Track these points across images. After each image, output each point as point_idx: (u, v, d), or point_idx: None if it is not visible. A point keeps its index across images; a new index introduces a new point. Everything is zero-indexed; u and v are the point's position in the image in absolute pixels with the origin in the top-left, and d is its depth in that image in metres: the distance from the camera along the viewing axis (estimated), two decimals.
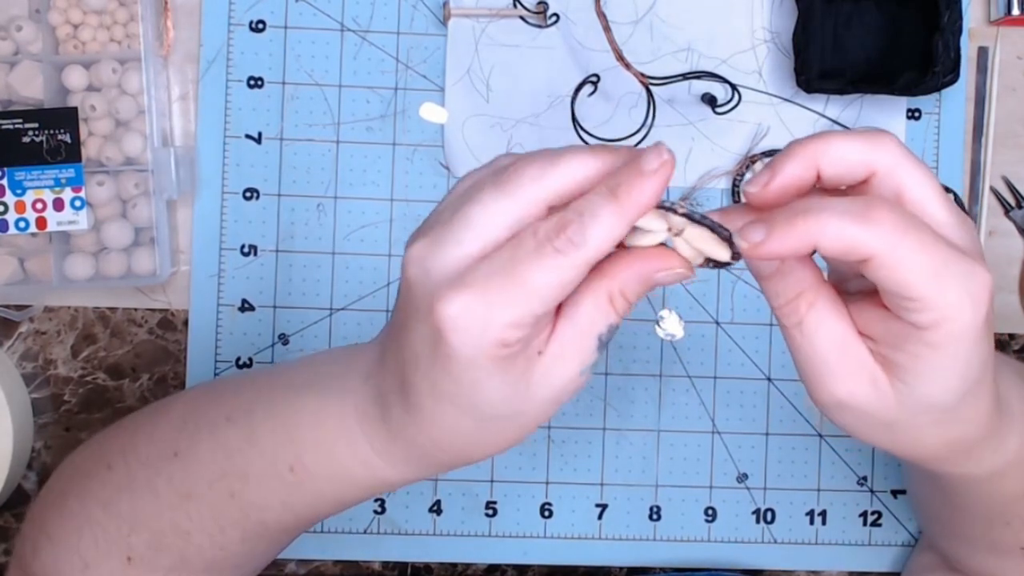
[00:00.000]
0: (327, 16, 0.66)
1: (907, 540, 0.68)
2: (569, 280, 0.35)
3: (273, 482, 0.44)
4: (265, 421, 0.44)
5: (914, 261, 0.34)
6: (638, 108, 0.66)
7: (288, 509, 0.45)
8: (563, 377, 0.37)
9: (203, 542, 0.46)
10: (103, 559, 0.47)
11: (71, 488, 0.49)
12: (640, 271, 0.36)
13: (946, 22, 0.63)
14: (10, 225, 0.61)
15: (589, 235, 0.34)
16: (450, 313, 0.34)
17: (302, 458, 0.43)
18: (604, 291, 0.36)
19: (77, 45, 0.62)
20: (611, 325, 0.37)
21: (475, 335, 0.34)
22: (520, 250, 0.34)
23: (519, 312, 0.34)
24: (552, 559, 0.67)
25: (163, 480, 0.46)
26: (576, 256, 0.34)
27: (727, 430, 0.67)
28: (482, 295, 0.34)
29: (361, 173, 0.66)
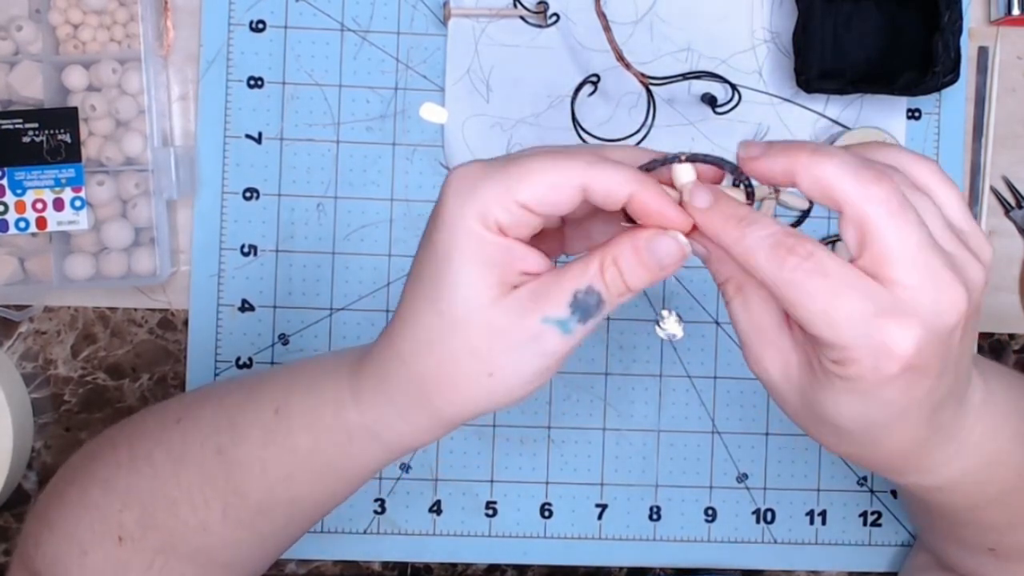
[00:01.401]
0: (327, 16, 0.66)
1: (907, 540, 0.68)
2: (560, 184, 0.36)
3: (255, 430, 0.45)
4: (271, 378, 0.46)
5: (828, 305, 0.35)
6: (638, 108, 0.66)
7: (263, 468, 0.44)
8: (524, 316, 0.37)
9: (188, 516, 0.46)
10: (98, 543, 0.47)
11: (76, 476, 0.50)
12: (635, 239, 0.37)
13: (946, 22, 0.63)
14: (10, 225, 0.61)
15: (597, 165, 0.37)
16: (454, 176, 0.37)
17: (289, 400, 0.44)
18: (597, 255, 0.38)
19: (77, 45, 0.62)
20: (591, 287, 0.37)
21: (463, 196, 0.37)
22: (532, 149, 0.38)
23: (505, 187, 0.36)
24: (552, 559, 0.67)
25: (162, 449, 0.47)
26: (572, 169, 0.36)
27: (727, 430, 0.67)
28: (481, 166, 0.37)
29: (361, 173, 0.66)
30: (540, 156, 0.37)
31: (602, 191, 0.37)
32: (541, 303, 0.37)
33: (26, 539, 0.50)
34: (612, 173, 0.37)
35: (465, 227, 0.37)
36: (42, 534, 0.49)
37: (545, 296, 0.37)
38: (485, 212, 0.37)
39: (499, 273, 0.37)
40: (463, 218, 0.37)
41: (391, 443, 0.42)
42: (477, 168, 0.37)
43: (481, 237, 0.37)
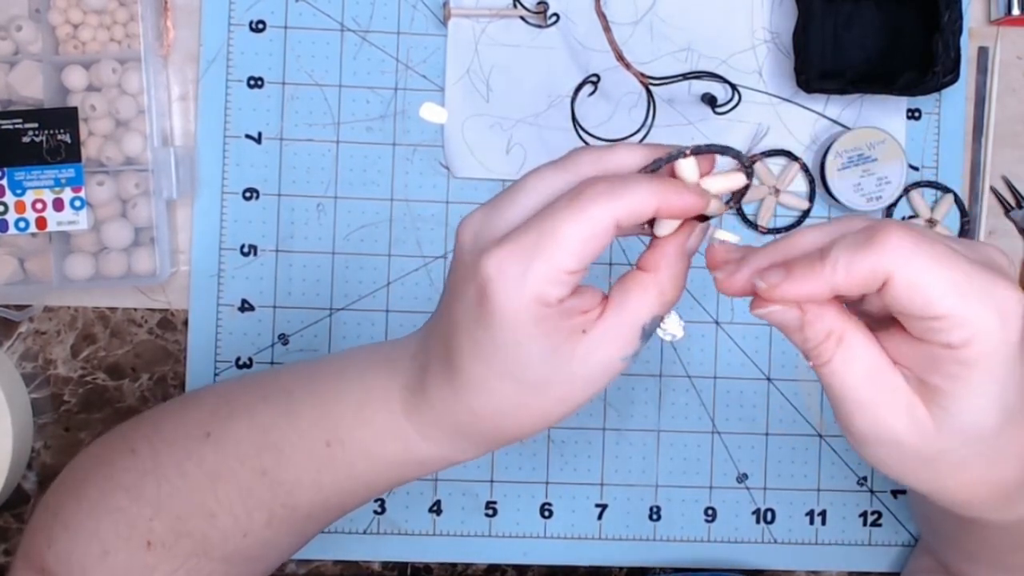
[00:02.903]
0: (327, 16, 0.66)
1: (907, 540, 0.68)
2: (596, 234, 0.36)
3: (307, 458, 0.45)
4: (305, 399, 0.45)
5: (932, 276, 0.34)
6: (638, 108, 0.66)
7: (319, 488, 0.45)
8: (603, 360, 0.38)
9: (228, 525, 0.46)
10: (123, 545, 0.47)
11: (90, 477, 0.49)
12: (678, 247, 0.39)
13: (946, 22, 0.63)
14: (10, 225, 0.61)
15: (618, 196, 0.36)
16: (491, 267, 0.37)
17: (339, 432, 0.44)
18: (652, 281, 0.39)
19: (77, 45, 0.62)
20: (655, 316, 0.39)
21: (514, 289, 0.37)
22: (554, 206, 0.37)
23: (552, 266, 0.36)
24: (552, 559, 0.67)
25: (193, 462, 0.46)
26: (601, 212, 0.36)
27: (727, 430, 0.67)
28: (518, 248, 0.37)
29: (361, 173, 0.66)
30: (565, 214, 0.37)
31: (632, 219, 0.37)
32: (617, 346, 0.38)
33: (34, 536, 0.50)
34: (634, 200, 0.37)
35: (526, 315, 0.37)
36: (55, 531, 0.49)
37: (619, 337, 0.38)
38: (542, 295, 0.37)
39: (566, 330, 0.38)
40: (522, 310, 0.37)
41: (462, 459, 0.44)
42: (511, 252, 0.37)
43: (543, 314, 0.37)
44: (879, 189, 0.65)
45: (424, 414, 0.42)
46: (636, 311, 0.38)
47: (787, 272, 0.36)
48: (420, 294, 0.66)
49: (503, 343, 0.38)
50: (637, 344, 0.39)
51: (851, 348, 0.36)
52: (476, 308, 0.38)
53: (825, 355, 0.37)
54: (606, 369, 0.39)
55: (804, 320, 0.37)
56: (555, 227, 0.36)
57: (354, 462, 0.44)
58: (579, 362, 0.38)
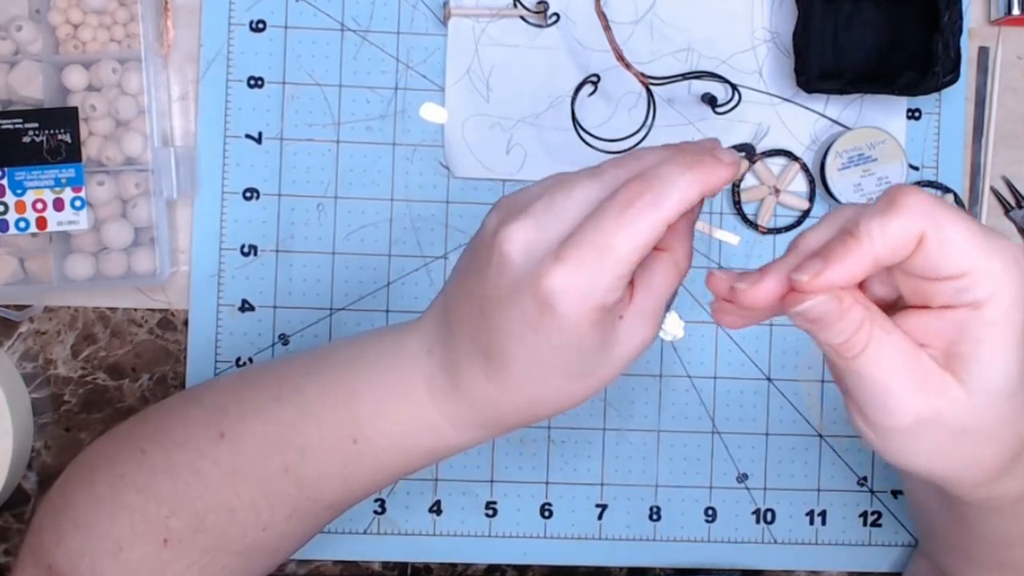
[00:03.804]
0: (327, 16, 0.66)
1: (907, 540, 0.68)
2: (650, 241, 0.39)
3: (332, 455, 0.46)
4: (319, 398, 0.46)
5: (957, 233, 0.35)
6: (638, 108, 0.66)
7: (345, 481, 0.46)
8: (642, 337, 0.42)
9: (248, 520, 0.46)
10: (138, 541, 0.47)
11: (98, 476, 0.49)
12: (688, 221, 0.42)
13: (946, 22, 0.63)
14: (10, 225, 0.61)
15: (665, 201, 0.38)
16: (556, 284, 0.39)
17: (365, 431, 0.45)
18: (671, 260, 0.42)
19: (77, 45, 0.62)
20: (675, 289, 0.42)
21: (579, 302, 0.39)
22: (606, 220, 0.39)
23: (612, 277, 0.39)
24: (552, 559, 0.67)
25: (209, 462, 0.47)
26: (652, 220, 0.38)
27: (727, 430, 0.67)
28: (581, 266, 0.39)
29: (361, 173, 0.66)
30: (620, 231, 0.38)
31: (680, 214, 0.39)
32: (651, 324, 0.42)
33: (40, 535, 0.50)
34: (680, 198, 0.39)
35: (589, 320, 0.39)
36: (64, 530, 0.49)
37: (651, 316, 0.42)
38: (604, 303, 0.39)
39: (611, 322, 0.41)
40: (586, 318, 0.39)
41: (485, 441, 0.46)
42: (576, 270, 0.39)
43: (601, 319, 0.40)
44: (879, 189, 0.65)
45: (457, 407, 0.44)
46: (661, 289, 0.42)
47: (824, 259, 0.36)
48: (420, 294, 0.66)
49: (560, 346, 0.40)
50: (663, 317, 0.42)
51: (884, 333, 0.37)
52: (537, 320, 0.40)
53: (859, 344, 0.37)
54: (642, 346, 0.42)
55: (840, 309, 0.37)
56: (613, 243, 0.38)
57: (381, 455, 0.46)
58: (621, 346, 0.41)
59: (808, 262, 0.37)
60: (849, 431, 0.68)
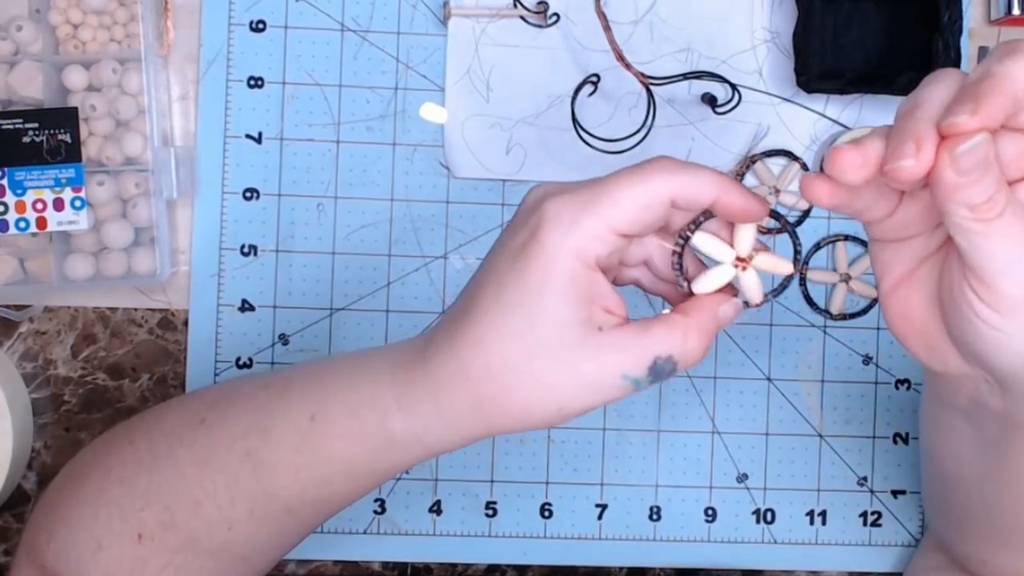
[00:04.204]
0: (327, 16, 0.66)
1: (907, 540, 0.68)
2: (651, 203, 0.38)
3: (289, 434, 0.44)
4: (301, 382, 0.46)
5: None
6: (638, 108, 0.66)
7: (296, 473, 0.45)
8: (609, 365, 0.39)
9: (212, 515, 0.46)
10: (115, 539, 0.47)
11: (89, 472, 0.49)
12: (713, 307, 0.41)
13: (946, 22, 0.63)
14: (10, 225, 0.61)
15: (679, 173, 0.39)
16: (549, 209, 0.39)
17: (324, 404, 0.44)
18: (680, 323, 0.40)
19: (77, 45, 0.62)
20: (671, 356, 0.40)
21: (563, 230, 0.38)
22: (619, 171, 0.39)
23: (602, 220, 0.38)
24: (552, 559, 0.67)
25: (185, 448, 0.47)
26: (660, 183, 0.38)
27: (727, 430, 0.67)
28: (577, 197, 0.39)
29: (361, 173, 0.66)
30: (626, 178, 0.39)
31: (690, 198, 0.39)
32: (625, 359, 0.39)
33: (35, 532, 0.50)
34: (696, 181, 0.39)
35: (564, 263, 0.38)
36: (54, 527, 0.49)
37: (630, 352, 0.39)
38: (584, 247, 0.38)
39: (587, 310, 0.39)
40: (562, 255, 0.38)
41: (433, 446, 0.43)
42: (571, 199, 0.39)
43: (576, 272, 0.38)
44: None
45: (409, 380, 0.42)
46: (655, 339, 0.40)
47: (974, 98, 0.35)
48: (420, 294, 0.66)
49: (530, 287, 0.38)
50: (643, 372, 0.39)
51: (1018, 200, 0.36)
52: (520, 249, 0.39)
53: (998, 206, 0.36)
54: (604, 377, 0.39)
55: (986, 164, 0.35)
56: (614, 186, 0.38)
57: (332, 439, 0.44)
58: (584, 353, 0.39)
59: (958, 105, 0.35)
60: (849, 431, 0.68)
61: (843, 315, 0.68)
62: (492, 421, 0.41)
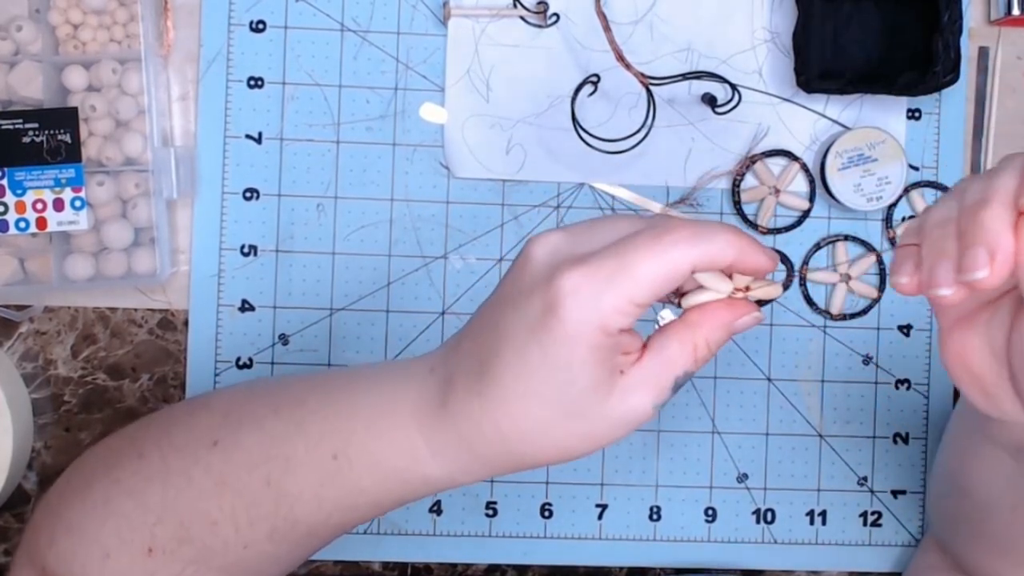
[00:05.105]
0: (327, 16, 0.66)
1: (907, 540, 0.68)
2: (670, 276, 0.38)
3: (312, 470, 0.44)
4: (317, 410, 0.45)
5: None
6: (638, 108, 0.66)
7: (320, 504, 0.45)
8: (638, 403, 0.40)
9: (229, 535, 0.46)
10: (124, 549, 0.47)
11: (95, 478, 0.49)
12: (724, 319, 0.40)
13: (946, 22, 0.63)
14: (10, 225, 0.61)
15: (700, 242, 0.38)
16: (568, 284, 0.38)
17: (348, 445, 0.44)
18: (691, 338, 0.40)
19: (77, 45, 0.62)
20: (687, 371, 0.40)
21: (584, 310, 0.38)
22: (638, 239, 0.38)
23: (625, 296, 0.38)
24: (552, 559, 0.67)
25: (200, 469, 0.46)
26: (681, 255, 0.38)
27: (727, 430, 0.67)
28: (598, 271, 0.38)
29: (361, 173, 0.66)
30: (646, 251, 0.38)
31: (708, 266, 0.39)
32: (651, 392, 0.40)
33: (36, 535, 0.50)
34: (715, 249, 0.38)
35: (588, 339, 0.38)
36: (57, 530, 0.49)
37: (654, 385, 0.40)
38: (608, 323, 0.38)
39: (610, 365, 0.39)
40: (587, 332, 0.38)
41: (466, 481, 0.44)
42: (590, 275, 0.38)
43: (601, 343, 0.38)
44: (879, 189, 0.65)
45: (439, 428, 0.42)
46: (673, 362, 0.40)
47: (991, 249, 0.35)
48: (420, 294, 0.66)
49: (554, 364, 0.38)
50: (669, 395, 0.40)
51: None
52: (538, 321, 0.38)
53: None
54: (637, 414, 0.40)
55: None
56: (636, 260, 0.38)
57: (359, 477, 0.44)
58: (615, 401, 0.39)
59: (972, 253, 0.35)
60: (849, 431, 0.68)
61: (843, 315, 0.68)
62: (529, 464, 0.42)
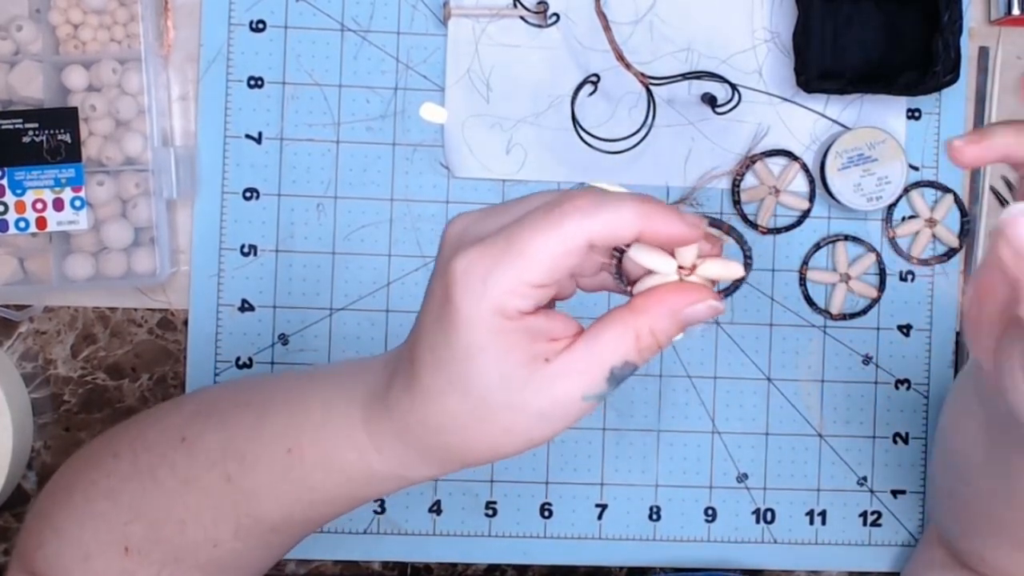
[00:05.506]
0: (327, 16, 0.66)
1: (907, 540, 0.68)
2: (564, 251, 0.35)
3: (268, 466, 0.44)
4: (277, 407, 0.45)
5: None
6: (638, 108, 0.66)
7: (279, 499, 0.44)
8: (563, 393, 0.36)
9: (197, 535, 0.46)
10: (103, 550, 0.47)
11: (76, 482, 0.49)
12: (672, 305, 0.36)
13: (946, 22, 0.63)
14: (10, 225, 0.61)
15: (595, 212, 0.34)
16: (459, 268, 0.35)
17: (301, 440, 0.43)
18: (632, 324, 0.36)
19: (77, 45, 0.62)
20: (627, 361, 0.36)
21: (475, 293, 0.35)
22: (531, 215, 0.35)
23: (515, 276, 0.35)
24: (552, 559, 0.67)
25: (166, 467, 0.46)
26: (574, 228, 0.34)
27: (727, 430, 0.67)
28: (486, 253, 0.35)
29: (361, 173, 0.66)
30: (537, 226, 0.35)
31: (609, 239, 0.35)
32: (580, 382, 0.36)
33: (27, 539, 0.50)
34: (614, 219, 0.35)
35: (485, 323, 0.35)
36: (45, 534, 0.49)
37: (583, 374, 0.36)
38: (502, 305, 0.35)
39: (526, 352, 0.36)
40: (481, 317, 0.35)
41: (415, 479, 0.42)
42: (480, 255, 0.35)
43: (502, 327, 0.36)
44: (879, 189, 0.65)
45: (380, 422, 0.41)
46: (608, 349, 0.36)
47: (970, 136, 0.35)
48: (420, 294, 0.66)
49: (459, 351, 0.36)
50: (603, 386, 0.36)
51: None
52: (439, 309, 0.37)
53: None
54: (564, 406, 0.36)
55: None
56: (525, 237, 0.35)
57: (312, 472, 0.43)
58: (534, 390, 0.36)
59: None
60: (849, 431, 0.68)
61: (843, 315, 0.68)
62: (465, 459, 0.40)
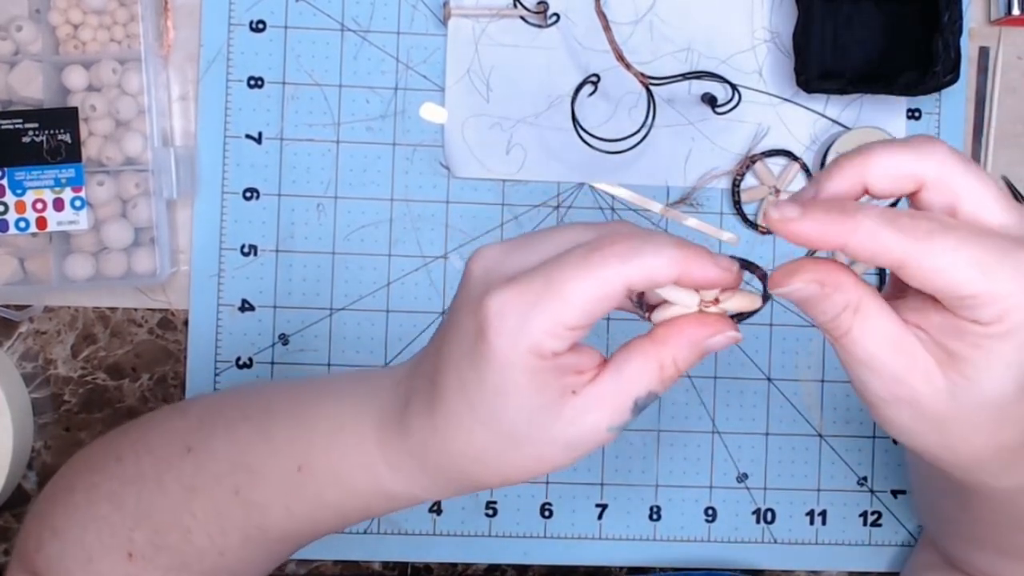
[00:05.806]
0: (327, 16, 0.66)
1: (907, 540, 0.68)
2: (602, 296, 0.35)
3: (279, 481, 0.44)
4: (283, 420, 0.44)
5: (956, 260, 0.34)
6: (638, 108, 0.66)
7: (290, 514, 0.44)
8: (590, 425, 0.37)
9: (204, 543, 0.46)
10: (106, 553, 0.47)
11: (78, 482, 0.49)
12: (694, 337, 0.37)
13: (946, 22, 0.63)
14: (10, 225, 0.61)
15: (634, 258, 0.35)
16: (494, 306, 0.35)
17: (311, 457, 0.43)
18: (655, 356, 0.37)
19: (77, 45, 0.62)
20: (651, 391, 0.37)
21: (512, 334, 0.35)
22: (568, 256, 0.36)
23: (553, 319, 0.35)
24: (552, 559, 0.67)
25: (172, 475, 0.46)
26: (613, 274, 0.35)
27: (727, 430, 0.67)
28: (524, 293, 0.35)
29: (361, 173, 0.66)
30: (575, 268, 0.35)
31: (646, 285, 0.36)
32: (605, 414, 0.37)
33: (26, 539, 0.50)
34: (652, 265, 0.35)
35: (519, 363, 0.36)
36: (44, 535, 0.49)
37: (609, 406, 0.37)
38: (539, 346, 0.35)
39: (555, 389, 0.37)
40: (517, 358, 0.36)
41: (425, 498, 0.42)
42: (516, 296, 0.36)
43: (536, 367, 0.36)
44: None
45: (397, 445, 0.41)
46: (633, 381, 0.37)
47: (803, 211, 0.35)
48: (420, 294, 0.66)
49: (491, 388, 0.36)
50: (627, 416, 0.37)
51: (868, 317, 0.36)
52: (471, 345, 0.36)
53: (843, 326, 0.36)
54: (590, 436, 0.37)
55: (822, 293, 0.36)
56: (563, 280, 0.35)
57: (323, 490, 0.43)
58: (564, 424, 0.37)
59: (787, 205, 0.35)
60: (849, 431, 0.68)
61: None
62: (482, 484, 0.40)
